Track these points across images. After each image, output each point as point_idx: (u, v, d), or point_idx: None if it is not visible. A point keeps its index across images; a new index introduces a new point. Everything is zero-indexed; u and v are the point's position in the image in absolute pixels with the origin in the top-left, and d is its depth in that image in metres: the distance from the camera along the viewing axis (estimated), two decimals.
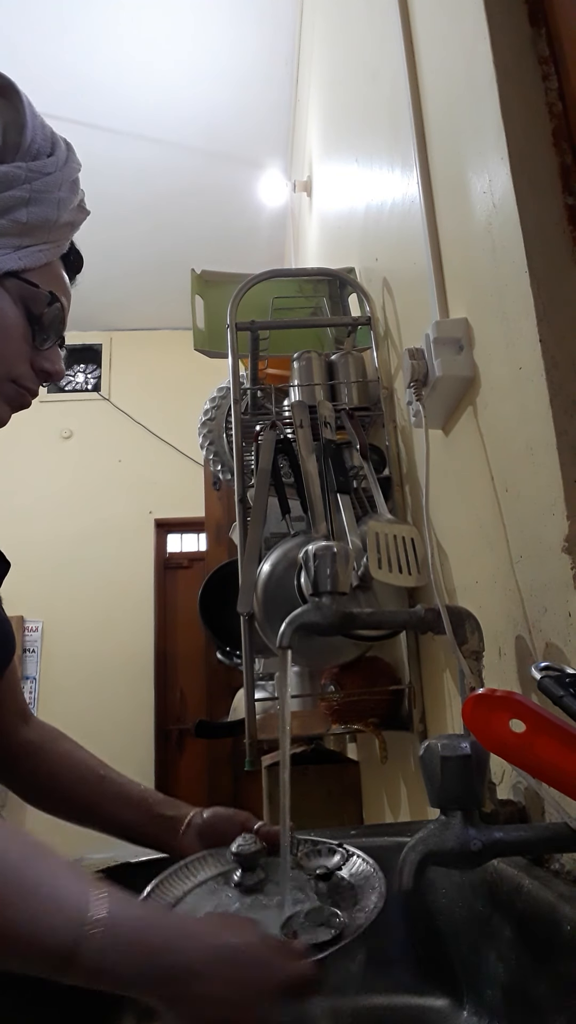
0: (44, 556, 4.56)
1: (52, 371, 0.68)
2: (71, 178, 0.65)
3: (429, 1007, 0.68)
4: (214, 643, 1.93)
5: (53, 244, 0.65)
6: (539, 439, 0.66)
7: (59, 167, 0.63)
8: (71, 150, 0.66)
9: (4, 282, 0.62)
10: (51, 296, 0.65)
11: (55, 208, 0.63)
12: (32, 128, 0.61)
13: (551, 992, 0.53)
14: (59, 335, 0.69)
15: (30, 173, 0.61)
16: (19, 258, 0.62)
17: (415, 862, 0.52)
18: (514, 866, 0.61)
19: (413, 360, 0.92)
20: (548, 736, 0.45)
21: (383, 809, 1.46)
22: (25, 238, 0.62)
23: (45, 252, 0.64)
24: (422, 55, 1.07)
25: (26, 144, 0.61)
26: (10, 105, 0.60)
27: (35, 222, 0.62)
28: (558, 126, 0.72)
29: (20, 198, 0.61)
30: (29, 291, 0.64)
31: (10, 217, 0.60)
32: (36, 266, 0.64)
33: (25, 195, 0.61)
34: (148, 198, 3.94)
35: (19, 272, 0.63)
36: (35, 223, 0.62)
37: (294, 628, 0.72)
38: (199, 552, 4.65)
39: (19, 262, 0.62)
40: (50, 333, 0.67)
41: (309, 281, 1.73)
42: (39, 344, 0.66)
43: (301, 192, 3.02)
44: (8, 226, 0.61)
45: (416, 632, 1.20)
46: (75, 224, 0.68)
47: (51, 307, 0.65)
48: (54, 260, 0.67)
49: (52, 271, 0.67)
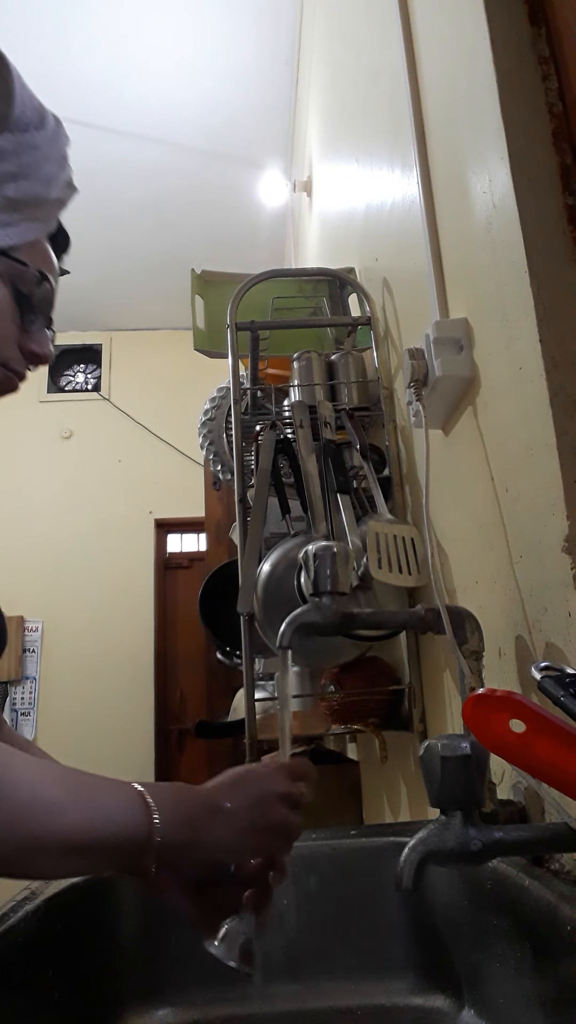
0: (44, 556, 4.56)
1: (41, 353, 0.66)
2: (60, 153, 0.62)
3: (429, 1007, 0.68)
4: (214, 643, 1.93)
5: (42, 221, 0.63)
6: (539, 439, 0.66)
7: (48, 141, 0.61)
8: (60, 124, 0.63)
9: None
10: (40, 275, 0.63)
11: (44, 184, 0.61)
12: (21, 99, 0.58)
13: (551, 992, 0.53)
14: (48, 315, 0.66)
15: (18, 146, 0.58)
16: (7, 236, 0.59)
17: (415, 862, 0.52)
18: (514, 866, 0.61)
19: (413, 360, 0.92)
20: (548, 736, 0.45)
21: (383, 809, 1.46)
22: (13, 214, 0.60)
23: (33, 229, 0.62)
24: (422, 55, 1.07)
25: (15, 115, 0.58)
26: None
27: (23, 198, 0.59)
28: (558, 126, 0.72)
29: (8, 172, 0.58)
30: (17, 269, 0.61)
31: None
32: (24, 243, 0.61)
33: (13, 169, 0.58)
34: (148, 198, 3.94)
35: (6, 250, 0.60)
36: (23, 199, 0.59)
37: (294, 628, 0.73)
38: (199, 552, 4.65)
39: (6, 240, 0.59)
40: (39, 313, 0.64)
41: (309, 281, 1.73)
42: (27, 325, 0.64)
43: (301, 192, 3.02)
44: None
45: (416, 632, 1.20)
46: (64, 201, 0.65)
47: (40, 286, 0.63)
48: (42, 238, 0.64)
49: (40, 249, 0.64)
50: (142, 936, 0.74)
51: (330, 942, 0.74)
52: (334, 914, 0.75)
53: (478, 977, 0.65)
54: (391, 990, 0.71)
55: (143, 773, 4.22)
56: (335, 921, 0.75)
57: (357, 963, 0.73)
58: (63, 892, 0.69)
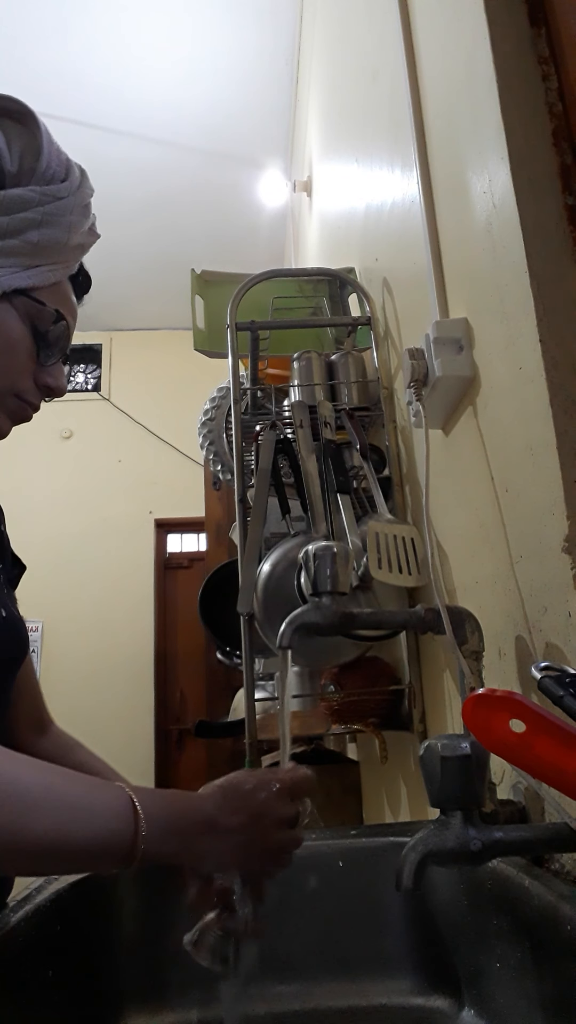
0: (44, 556, 4.56)
1: (55, 387, 0.71)
2: (83, 203, 0.68)
3: (429, 1007, 0.68)
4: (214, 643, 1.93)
5: (63, 265, 0.68)
6: (539, 439, 0.66)
7: (72, 192, 0.66)
8: (85, 176, 0.69)
9: (12, 299, 0.65)
10: (57, 314, 0.68)
11: (66, 231, 0.66)
12: (48, 154, 0.64)
13: (551, 992, 0.53)
14: (64, 352, 0.71)
15: (44, 196, 0.64)
16: (28, 277, 0.65)
17: (415, 862, 0.52)
18: (514, 866, 0.61)
19: (413, 360, 0.92)
20: (548, 736, 0.45)
21: (383, 809, 1.46)
22: (35, 258, 0.65)
23: (54, 272, 0.67)
24: (422, 55, 1.07)
25: (41, 169, 0.64)
26: (28, 131, 0.64)
27: (45, 243, 0.65)
28: (558, 126, 0.72)
29: (32, 220, 0.64)
30: (36, 308, 0.66)
31: (22, 237, 0.63)
32: (44, 285, 0.67)
33: (37, 217, 0.64)
34: (148, 198, 3.94)
35: (27, 290, 0.65)
36: (45, 244, 0.65)
37: (294, 628, 0.72)
38: (199, 552, 4.65)
39: (28, 280, 0.65)
40: (55, 350, 0.69)
41: (309, 281, 1.73)
42: (43, 360, 0.69)
43: (301, 192, 3.02)
44: (19, 246, 0.64)
45: (416, 632, 1.20)
46: (85, 247, 0.71)
47: (56, 325, 0.68)
48: (63, 280, 0.70)
49: (60, 291, 0.69)
50: (142, 936, 0.74)
51: (330, 942, 0.74)
52: (334, 914, 0.75)
53: (478, 977, 0.65)
54: (391, 990, 0.71)
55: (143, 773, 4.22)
56: (335, 921, 0.75)
57: (357, 963, 0.73)
58: (63, 892, 0.69)
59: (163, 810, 0.52)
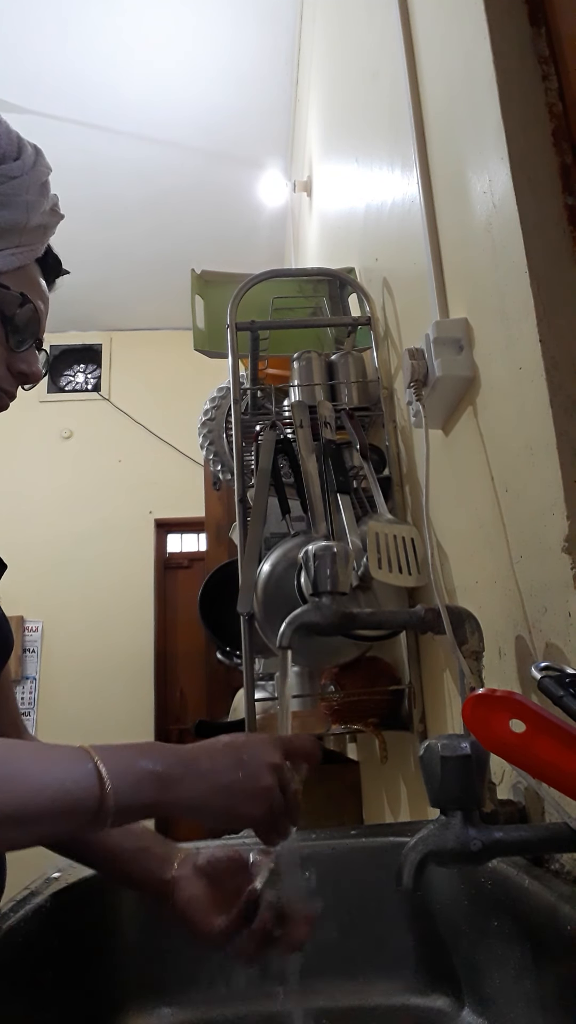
0: (44, 556, 4.56)
1: (29, 372, 0.69)
2: (40, 180, 0.66)
3: (429, 1007, 0.68)
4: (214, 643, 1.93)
5: (27, 248, 0.66)
6: (539, 439, 0.66)
7: (26, 170, 0.64)
8: (40, 154, 0.67)
9: None
10: (22, 298, 0.66)
11: (24, 211, 0.64)
12: None
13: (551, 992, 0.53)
14: (35, 337, 0.69)
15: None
16: None
17: (415, 862, 0.52)
18: (514, 866, 0.61)
19: (413, 360, 0.92)
20: (548, 736, 0.45)
21: (383, 809, 1.46)
22: None
23: (17, 256, 0.66)
24: (422, 55, 1.07)
25: None
26: None
27: (3, 226, 0.63)
28: (558, 126, 0.72)
29: None
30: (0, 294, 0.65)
31: None
32: (7, 269, 0.65)
33: None
34: (148, 198, 3.94)
35: None
36: (3, 227, 0.63)
37: (294, 628, 0.73)
38: (199, 552, 4.65)
39: None
40: (25, 335, 0.68)
41: (309, 281, 1.73)
42: (15, 346, 0.67)
43: (301, 192, 3.02)
44: None
45: (416, 632, 1.20)
46: (48, 227, 0.69)
47: (23, 308, 0.66)
48: (28, 264, 0.68)
49: (26, 274, 0.68)
50: (142, 936, 0.74)
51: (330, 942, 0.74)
52: (334, 914, 0.75)
53: (478, 977, 0.65)
54: (391, 990, 0.71)
55: None
56: (335, 921, 0.75)
57: (357, 963, 0.73)
58: (63, 892, 0.69)
59: (130, 760, 0.49)
